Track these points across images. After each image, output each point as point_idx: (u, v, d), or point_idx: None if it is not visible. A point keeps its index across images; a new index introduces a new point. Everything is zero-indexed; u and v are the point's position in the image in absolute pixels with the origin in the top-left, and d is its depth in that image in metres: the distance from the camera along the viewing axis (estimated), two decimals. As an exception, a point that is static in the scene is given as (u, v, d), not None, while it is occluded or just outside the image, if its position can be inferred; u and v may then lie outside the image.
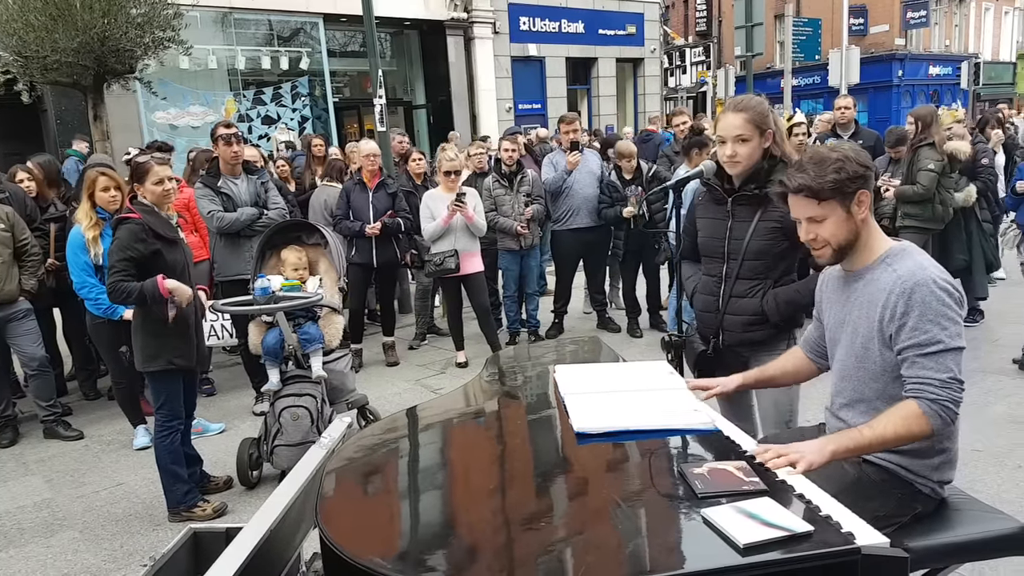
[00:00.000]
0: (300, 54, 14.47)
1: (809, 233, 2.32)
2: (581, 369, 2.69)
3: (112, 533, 4.17)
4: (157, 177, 3.93)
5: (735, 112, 2.89)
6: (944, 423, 2.12)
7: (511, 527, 1.79)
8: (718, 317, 3.08)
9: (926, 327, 2.12)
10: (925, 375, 2.12)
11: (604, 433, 2.14)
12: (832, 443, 2.15)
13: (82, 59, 7.40)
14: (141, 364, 4.11)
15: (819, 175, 2.22)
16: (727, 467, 1.90)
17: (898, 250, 2.27)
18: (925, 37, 30.43)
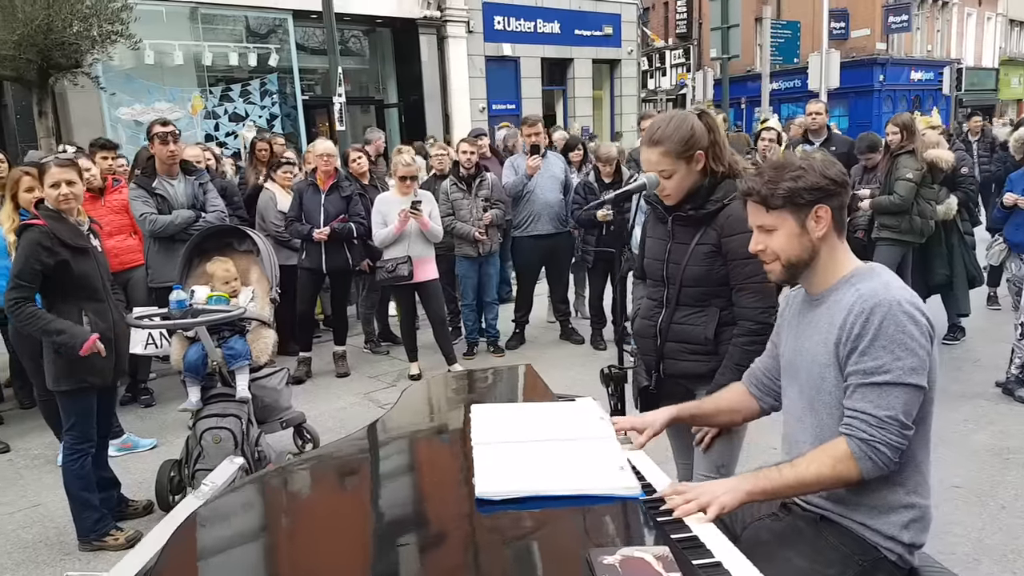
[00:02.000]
0: (269, 51, 14.09)
1: (758, 243, 2.09)
2: (500, 410, 2.39)
3: (17, 562, 3.87)
4: (53, 179, 3.61)
5: (650, 147, 2.60)
6: (875, 466, 1.85)
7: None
8: (657, 344, 2.83)
9: (877, 353, 1.85)
10: (862, 408, 1.87)
11: (510, 499, 1.83)
12: (748, 482, 1.93)
13: (24, 52, 7.06)
14: (52, 382, 3.80)
15: (772, 181, 2.01)
16: (645, 555, 1.59)
17: (865, 270, 2.02)
18: (907, 42, 30.44)
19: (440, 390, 2.92)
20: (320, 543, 1.78)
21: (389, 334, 7.54)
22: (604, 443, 2.15)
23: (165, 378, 6.62)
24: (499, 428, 2.22)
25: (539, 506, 1.83)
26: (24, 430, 5.64)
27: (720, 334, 2.70)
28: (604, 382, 2.83)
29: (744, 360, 2.52)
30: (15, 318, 3.67)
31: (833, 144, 7.46)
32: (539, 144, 6.82)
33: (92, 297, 3.80)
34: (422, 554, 1.75)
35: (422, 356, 6.53)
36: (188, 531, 1.89)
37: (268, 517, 2.05)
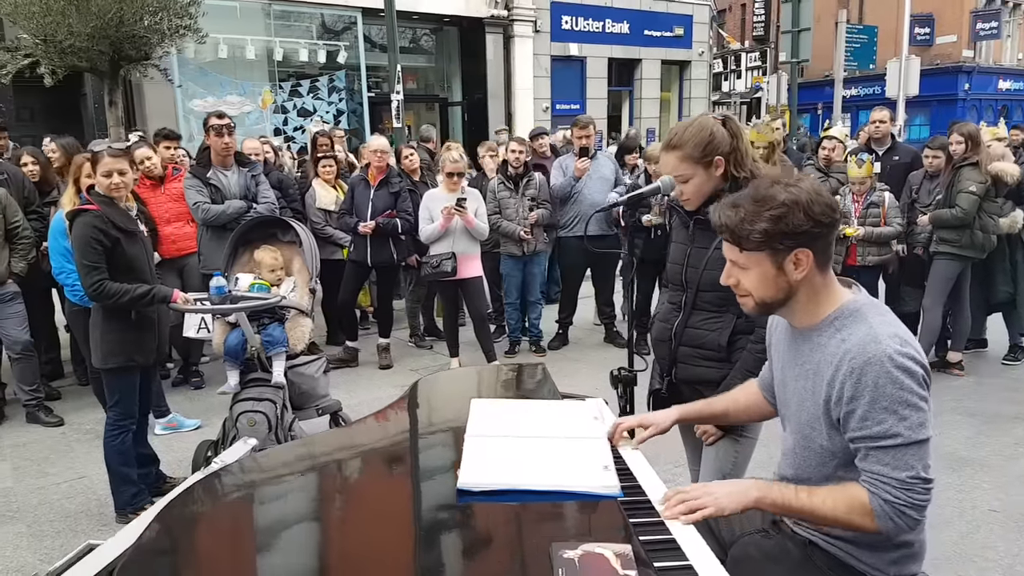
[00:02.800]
0: (338, 47, 14.41)
1: (731, 277, 1.95)
2: (498, 406, 2.42)
3: (58, 530, 4.06)
4: (106, 169, 3.78)
5: (668, 151, 2.58)
6: (897, 528, 1.76)
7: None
8: (672, 347, 2.82)
9: (880, 416, 1.73)
10: (881, 472, 1.75)
11: (489, 492, 1.86)
12: (759, 489, 1.87)
13: (97, 44, 7.38)
14: (99, 360, 3.99)
15: (748, 218, 1.81)
16: (606, 552, 1.59)
17: (850, 311, 1.85)
18: (996, 49, 29.28)
19: (450, 384, 2.96)
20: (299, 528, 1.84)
21: (434, 329, 7.63)
22: (592, 442, 2.15)
23: (216, 362, 6.82)
24: (494, 423, 2.26)
25: (517, 500, 1.85)
26: (80, 405, 5.89)
27: (734, 342, 2.67)
28: (613, 384, 2.84)
29: (755, 367, 2.48)
30: (103, 300, 3.84)
31: (897, 153, 7.18)
32: (589, 146, 6.80)
33: (139, 279, 3.96)
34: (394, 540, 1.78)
35: (464, 352, 6.60)
36: (178, 502, 1.98)
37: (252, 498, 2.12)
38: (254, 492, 2.14)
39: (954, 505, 4.12)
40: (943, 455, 4.74)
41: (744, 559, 2.07)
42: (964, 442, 4.96)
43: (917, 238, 6.29)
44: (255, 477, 2.22)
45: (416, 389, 2.71)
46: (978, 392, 5.91)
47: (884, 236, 6.14)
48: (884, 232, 6.11)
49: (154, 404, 5.06)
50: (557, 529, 1.81)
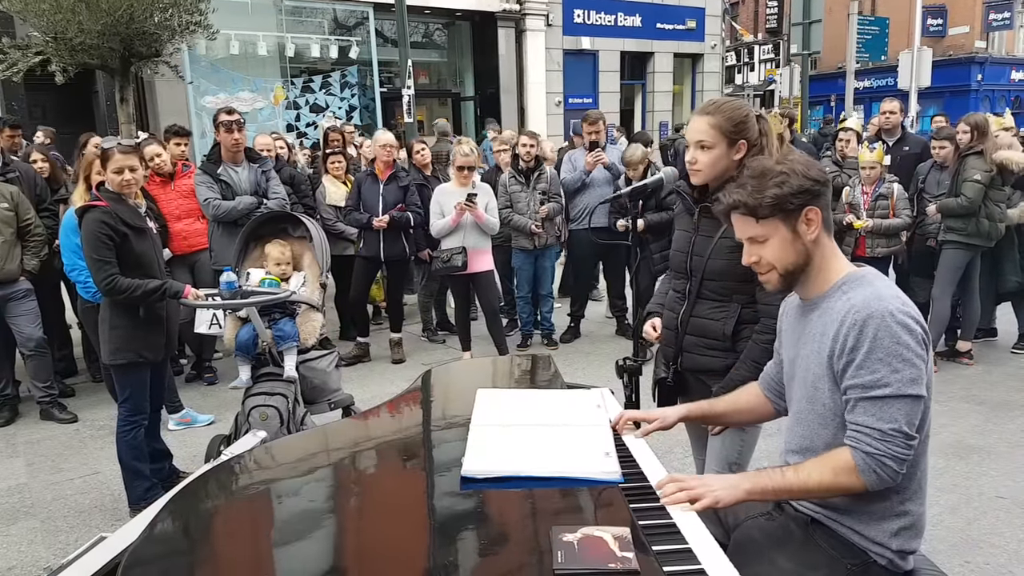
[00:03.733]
0: (350, 43, 14.41)
1: (751, 255, 2.05)
2: (503, 395, 2.44)
3: (71, 525, 4.10)
4: (116, 165, 3.81)
5: (701, 115, 2.59)
6: (879, 480, 1.82)
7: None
8: (678, 336, 2.82)
9: (874, 366, 1.81)
10: (865, 422, 1.83)
11: (493, 478, 1.88)
12: (748, 481, 1.92)
13: (107, 41, 7.42)
14: (108, 356, 4.02)
15: (757, 190, 1.96)
16: (604, 535, 1.61)
17: (856, 276, 1.97)
18: (1009, 40, 29.00)
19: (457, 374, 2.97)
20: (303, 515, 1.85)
21: (447, 323, 7.64)
22: (595, 429, 2.18)
23: (229, 358, 6.84)
24: (499, 411, 2.28)
25: (520, 486, 1.88)
26: (93, 402, 5.95)
27: (739, 331, 2.67)
28: (619, 373, 2.87)
29: (762, 358, 2.49)
30: (115, 295, 3.87)
31: (907, 144, 7.18)
32: (599, 141, 6.78)
33: (148, 275, 3.98)
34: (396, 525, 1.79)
35: (476, 346, 6.60)
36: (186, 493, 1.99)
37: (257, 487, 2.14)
38: (261, 483, 2.17)
39: (961, 492, 4.14)
40: (951, 443, 4.76)
41: (747, 542, 2.10)
42: (972, 430, 4.97)
43: (928, 229, 6.28)
44: (263, 468, 2.24)
45: (425, 380, 2.72)
46: (987, 380, 5.90)
47: (893, 228, 6.14)
48: (893, 224, 6.12)
49: (167, 399, 5.10)
50: (558, 514, 1.83)
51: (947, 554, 3.48)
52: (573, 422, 2.23)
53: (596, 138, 6.76)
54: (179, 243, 5.99)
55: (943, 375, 5.95)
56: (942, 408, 5.23)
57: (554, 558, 1.54)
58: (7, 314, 5.47)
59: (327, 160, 7.13)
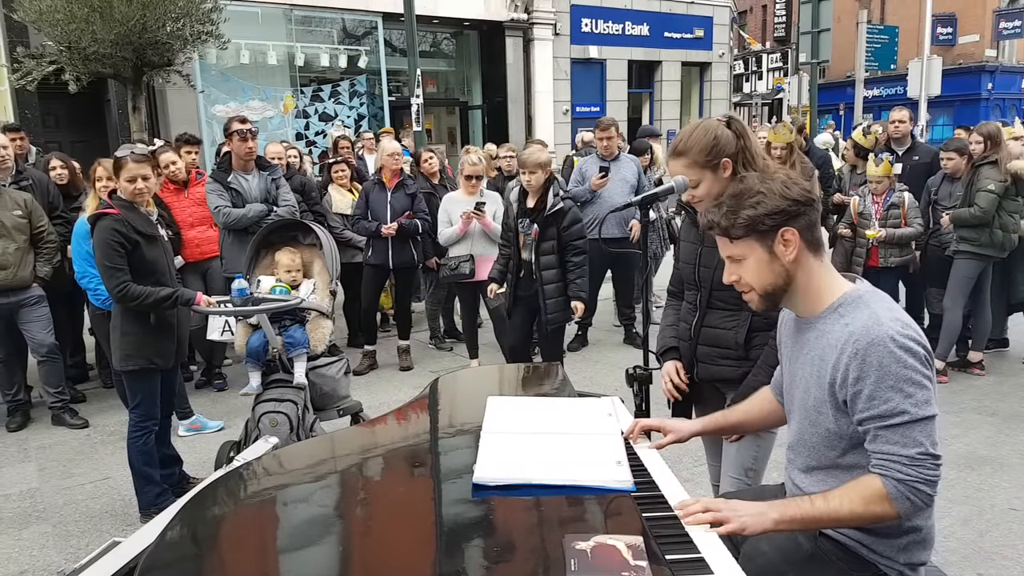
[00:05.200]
0: (359, 52, 14.47)
1: (731, 274, 2.05)
2: (514, 403, 2.45)
3: (83, 530, 4.12)
4: (129, 174, 3.85)
5: (674, 158, 2.63)
6: (914, 507, 1.80)
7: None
8: (691, 346, 2.83)
9: (886, 395, 1.79)
10: (890, 451, 1.80)
11: (504, 486, 1.89)
12: (776, 510, 1.87)
13: (120, 51, 7.49)
14: (118, 362, 4.05)
15: (731, 211, 1.96)
16: (617, 543, 1.62)
17: (852, 297, 1.93)
18: (1019, 49, 28.93)
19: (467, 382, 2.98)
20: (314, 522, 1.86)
21: (454, 331, 7.66)
22: (606, 438, 2.19)
23: (239, 364, 6.88)
24: (510, 419, 2.29)
25: (532, 494, 1.88)
26: (104, 407, 5.98)
27: (751, 339, 2.68)
28: (629, 382, 2.87)
29: (778, 363, 2.50)
30: (127, 302, 3.90)
31: (917, 153, 7.16)
32: (614, 149, 6.82)
33: (159, 282, 4.01)
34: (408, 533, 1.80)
35: (483, 353, 6.62)
36: (199, 499, 2.01)
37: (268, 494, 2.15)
38: (273, 489, 2.18)
39: (973, 503, 4.11)
40: (963, 454, 4.72)
41: (756, 555, 2.08)
42: (983, 441, 4.94)
43: (944, 239, 6.24)
44: (274, 475, 2.25)
45: (435, 387, 2.74)
46: (998, 392, 5.87)
47: (905, 237, 6.13)
48: (905, 233, 6.11)
49: (178, 406, 5.12)
50: (570, 522, 1.83)
51: (959, 566, 3.46)
52: (584, 430, 2.24)
53: (609, 145, 6.77)
54: (192, 250, 6.03)
55: (954, 386, 5.93)
56: (953, 419, 5.20)
57: (567, 566, 1.54)
58: (20, 320, 5.51)
59: (331, 168, 7.17)
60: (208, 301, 4.14)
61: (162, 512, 2.20)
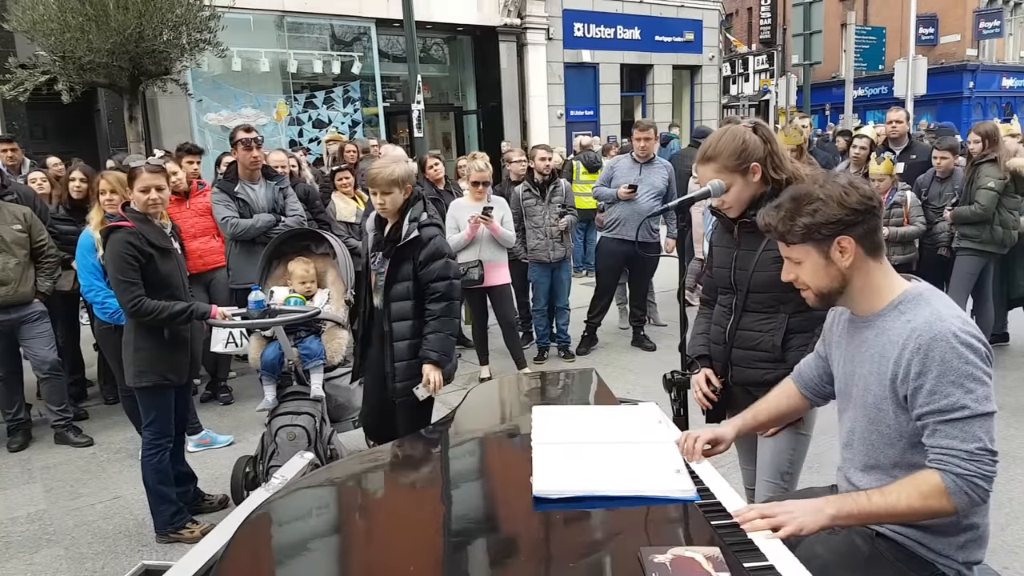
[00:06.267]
0: (352, 58, 14.43)
1: (789, 273, 2.06)
2: (561, 412, 2.40)
3: (96, 552, 4.01)
4: (143, 185, 3.76)
5: (704, 163, 2.62)
6: (971, 502, 1.79)
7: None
8: (726, 350, 2.79)
9: (947, 390, 1.79)
10: (949, 445, 1.79)
11: (566, 499, 1.84)
12: (832, 506, 1.87)
13: (117, 60, 7.39)
14: (131, 379, 3.95)
15: (788, 217, 1.96)
16: (696, 555, 1.59)
17: (913, 295, 1.93)
18: (999, 48, 29.24)
19: (506, 391, 2.93)
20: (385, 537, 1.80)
21: (462, 337, 7.58)
22: (662, 447, 2.16)
23: (244, 377, 6.80)
24: (559, 429, 2.26)
25: (594, 506, 1.85)
26: (107, 425, 5.87)
27: (787, 341, 2.65)
28: (667, 387, 2.84)
29: None
30: (141, 316, 3.80)
31: (914, 152, 7.25)
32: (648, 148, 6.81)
33: (173, 296, 3.93)
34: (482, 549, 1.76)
35: (492, 360, 6.55)
36: (256, 523, 1.94)
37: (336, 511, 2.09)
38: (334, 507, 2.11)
39: (992, 497, 4.06)
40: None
41: (812, 558, 2.05)
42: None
43: (939, 238, 6.33)
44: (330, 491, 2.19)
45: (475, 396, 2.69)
46: (1003, 386, 5.85)
47: (908, 235, 6.19)
48: (908, 231, 6.17)
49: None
50: (640, 534, 1.80)
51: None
52: (638, 439, 2.20)
53: (647, 145, 6.74)
54: (195, 262, 5.92)
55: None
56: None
57: (650, 581, 1.50)
58: (21, 337, 5.40)
59: (335, 176, 7.09)
60: (224, 314, 4.05)
61: (211, 534, 2.11)
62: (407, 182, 3.74)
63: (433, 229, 3.75)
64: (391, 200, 3.71)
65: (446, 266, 3.72)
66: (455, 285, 3.77)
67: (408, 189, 3.75)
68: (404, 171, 3.75)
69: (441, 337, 3.69)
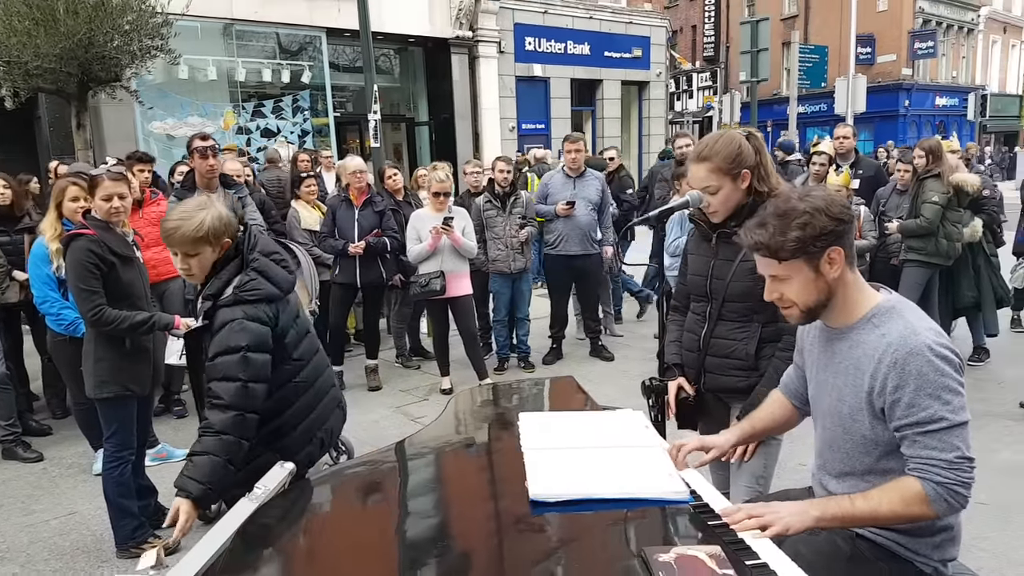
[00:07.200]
0: (302, 68, 14.28)
1: (773, 292, 2.05)
2: (547, 418, 2.43)
3: (54, 569, 3.89)
4: (106, 192, 3.69)
5: (697, 163, 2.65)
6: (951, 508, 1.86)
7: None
8: (700, 357, 2.84)
9: (925, 403, 1.85)
10: (929, 456, 1.86)
11: (563, 502, 1.87)
12: (817, 508, 1.93)
13: (65, 66, 7.19)
14: (92, 390, 3.85)
15: (779, 232, 1.93)
16: (699, 554, 1.63)
17: (886, 308, 1.98)
18: (932, 68, 30.42)
19: (488, 399, 2.94)
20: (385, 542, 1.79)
21: (420, 349, 7.57)
22: (652, 451, 2.19)
23: (198, 389, 6.66)
24: (548, 435, 2.27)
25: (590, 508, 1.87)
26: (57, 439, 5.70)
27: (760, 350, 2.72)
28: (645, 394, 2.88)
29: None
30: (102, 326, 3.72)
31: (861, 167, 7.45)
32: (581, 162, 6.87)
33: (135, 305, 3.86)
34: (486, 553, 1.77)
35: (454, 371, 6.54)
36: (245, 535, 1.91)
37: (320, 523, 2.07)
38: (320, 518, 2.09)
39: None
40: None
41: (796, 557, 2.10)
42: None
43: (891, 248, 6.51)
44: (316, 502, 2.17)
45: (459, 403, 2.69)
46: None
47: (861, 249, 6.33)
48: (860, 245, 6.31)
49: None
50: (640, 534, 1.84)
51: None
52: (628, 443, 2.24)
53: (577, 157, 6.81)
54: (149, 272, 5.78)
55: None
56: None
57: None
58: (-31, 349, 5.22)
59: (301, 184, 7.02)
60: (187, 325, 3.97)
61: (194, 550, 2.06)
62: (222, 235, 2.72)
63: (235, 310, 2.61)
64: (197, 263, 2.72)
65: (241, 364, 2.57)
66: (251, 392, 2.60)
67: (224, 245, 2.74)
68: (213, 221, 2.69)
69: (210, 462, 2.60)
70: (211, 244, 2.67)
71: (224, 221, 2.71)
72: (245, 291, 2.63)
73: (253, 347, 2.59)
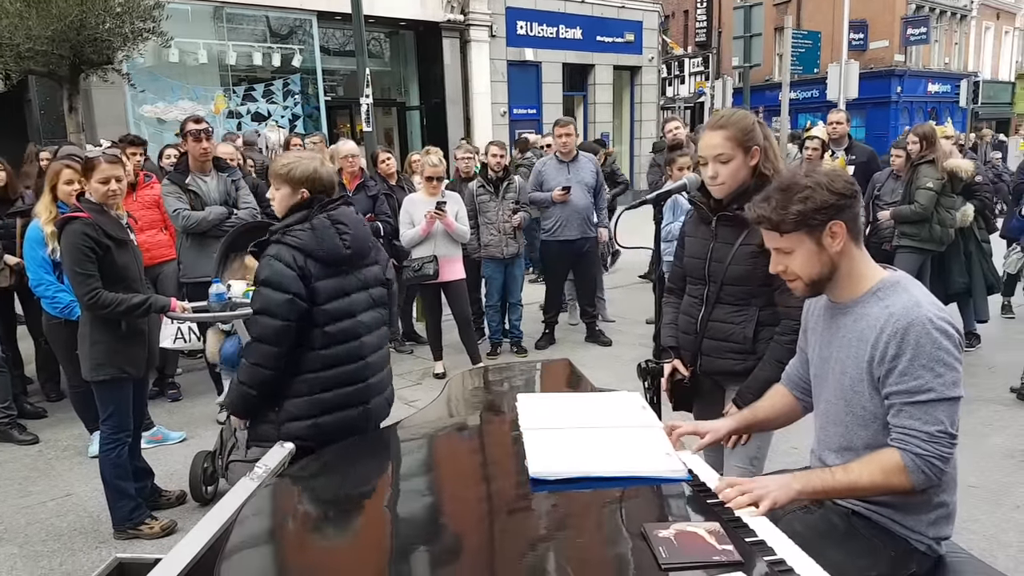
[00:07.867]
0: (293, 51, 14.22)
1: (778, 265, 2.10)
2: (545, 399, 2.46)
3: (52, 550, 3.91)
4: (103, 175, 3.69)
5: (714, 130, 2.68)
6: (927, 479, 1.91)
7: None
8: (696, 340, 2.87)
9: (917, 372, 1.89)
10: (911, 425, 1.90)
11: (562, 480, 1.90)
12: (799, 481, 1.97)
13: (57, 48, 7.14)
14: (89, 372, 3.85)
15: (781, 206, 1.99)
16: (698, 530, 1.66)
17: (891, 282, 2.02)
18: (925, 54, 30.41)
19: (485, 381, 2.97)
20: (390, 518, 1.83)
21: (413, 333, 7.59)
22: (649, 430, 2.22)
23: (191, 373, 6.68)
24: (546, 415, 2.30)
25: (588, 487, 1.91)
26: (52, 422, 5.70)
27: (758, 333, 2.74)
28: (641, 376, 2.90)
29: (786, 357, 2.56)
30: (98, 310, 3.72)
31: (854, 153, 7.47)
32: (572, 145, 6.86)
33: (130, 288, 3.86)
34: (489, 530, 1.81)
35: (446, 355, 6.58)
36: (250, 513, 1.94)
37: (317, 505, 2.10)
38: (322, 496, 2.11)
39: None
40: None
41: (792, 535, 2.13)
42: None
43: (883, 233, 6.54)
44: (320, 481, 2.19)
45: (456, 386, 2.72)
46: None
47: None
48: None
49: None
50: (640, 511, 1.87)
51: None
52: (625, 423, 2.27)
53: (567, 141, 6.80)
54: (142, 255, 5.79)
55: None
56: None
57: (657, 554, 1.56)
58: (-38, 332, 5.21)
59: None
60: (184, 307, 3.99)
61: (195, 529, 2.09)
62: (301, 184, 3.01)
63: (280, 248, 2.93)
64: (279, 197, 3.07)
65: (255, 297, 2.97)
66: (271, 328, 2.89)
67: (302, 194, 3.02)
68: (302, 170, 3.02)
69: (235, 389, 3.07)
70: (291, 186, 3.00)
71: (309, 175, 3.01)
72: (288, 234, 2.94)
73: (272, 283, 2.88)
